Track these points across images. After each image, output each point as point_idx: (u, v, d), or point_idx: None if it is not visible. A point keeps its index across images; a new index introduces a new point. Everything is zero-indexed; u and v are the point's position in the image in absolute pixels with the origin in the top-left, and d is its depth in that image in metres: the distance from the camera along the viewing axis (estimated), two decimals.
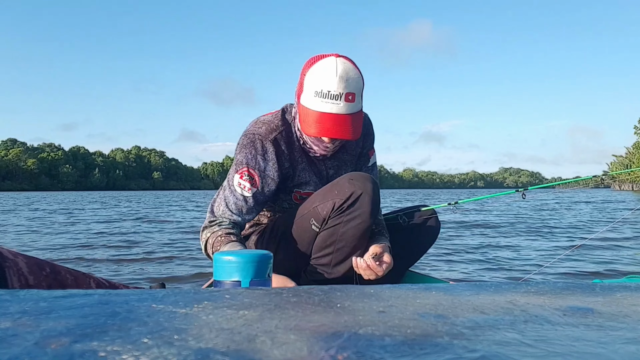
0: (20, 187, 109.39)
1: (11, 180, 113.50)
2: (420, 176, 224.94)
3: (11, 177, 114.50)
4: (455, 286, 0.50)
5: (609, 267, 3.69)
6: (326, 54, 1.38)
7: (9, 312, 0.34)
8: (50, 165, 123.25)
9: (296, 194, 1.53)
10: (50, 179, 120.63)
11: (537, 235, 6.06)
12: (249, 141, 1.45)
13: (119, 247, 5.11)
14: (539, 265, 3.78)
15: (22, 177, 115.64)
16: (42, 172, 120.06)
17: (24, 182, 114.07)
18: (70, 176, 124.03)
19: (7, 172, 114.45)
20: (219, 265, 0.92)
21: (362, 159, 1.63)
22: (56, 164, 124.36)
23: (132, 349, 0.27)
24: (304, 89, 1.36)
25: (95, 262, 4.08)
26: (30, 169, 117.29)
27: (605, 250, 4.55)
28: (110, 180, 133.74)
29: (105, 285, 1.09)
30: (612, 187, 64.71)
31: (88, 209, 13.96)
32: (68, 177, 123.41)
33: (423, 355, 0.28)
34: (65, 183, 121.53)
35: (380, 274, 1.38)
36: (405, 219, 1.69)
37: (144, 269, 3.72)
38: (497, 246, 5.02)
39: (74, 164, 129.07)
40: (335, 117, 1.32)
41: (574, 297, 0.46)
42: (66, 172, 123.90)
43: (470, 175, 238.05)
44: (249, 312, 0.37)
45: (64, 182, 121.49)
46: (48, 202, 21.58)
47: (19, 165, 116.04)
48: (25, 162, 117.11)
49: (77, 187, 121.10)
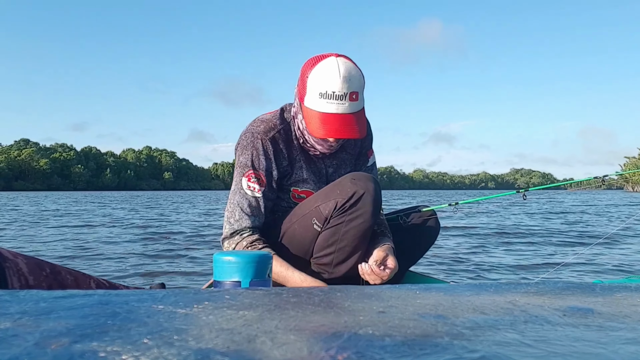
0: (33, 187, 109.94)
1: (24, 180, 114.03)
2: (431, 177, 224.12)
3: (24, 177, 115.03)
4: (455, 286, 0.50)
5: (609, 267, 3.69)
6: (325, 54, 1.39)
7: (9, 313, 0.34)
8: (63, 165, 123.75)
9: (294, 193, 1.54)
10: (62, 179, 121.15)
11: (538, 236, 6.06)
12: (249, 141, 1.47)
13: (119, 247, 5.11)
14: (539, 265, 3.78)
15: (35, 177, 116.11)
16: (55, 172, 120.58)
17: (36, 182, 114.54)
18: (82, 176, 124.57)
19: (20, 172, 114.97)
20: (219, 265, 0.92)
21: (361, 159, 1.65)
22: (68, 164, 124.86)
23: (132, 349, 0.27)
24: (308, 91, 1.37)
25: (95, 262, 4.08)
26: (43, 169, 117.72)
27: (605, 250, 4.55)
28: (122, 180, 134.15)
29: (105, 285, 1.09)
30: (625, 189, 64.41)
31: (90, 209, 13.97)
32: (80, 177, 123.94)
33: (423, 355, 0.28)
34: (77, 183, 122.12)
35: (385, 278, 1.39)
36: (405, 219, 1.69)
37: (144, 269, 3.72)
38: (497, 246, 5.02)
39: (86, 164, 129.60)
40: (341, 117, 1.34)
41: (574, 297, 0.46)
42: (78, 172, 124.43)
43: (481, 176, 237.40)
44: (249, 312, 0.37)
45: (75, 182, 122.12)
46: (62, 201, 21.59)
47: (32, 165, 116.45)
48: (37, 162, 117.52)
49: (89, 187, 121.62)
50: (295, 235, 1.47)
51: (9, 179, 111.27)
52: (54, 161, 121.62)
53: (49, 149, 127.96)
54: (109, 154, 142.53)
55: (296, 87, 1.45)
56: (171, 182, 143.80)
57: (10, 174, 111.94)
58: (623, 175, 2.55)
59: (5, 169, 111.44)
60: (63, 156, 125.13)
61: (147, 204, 19.92)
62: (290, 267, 1.39)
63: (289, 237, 1.48)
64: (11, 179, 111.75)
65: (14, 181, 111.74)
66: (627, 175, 60.61)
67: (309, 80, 1.36)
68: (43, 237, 6.18)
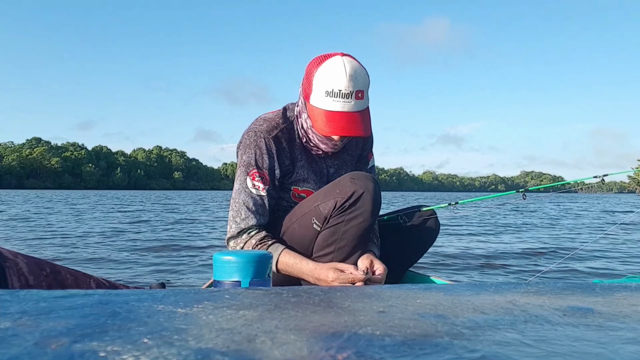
0: (44, 186, 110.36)
1: (35, 178, 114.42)
2: (440, 179, 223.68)
3: (35, 175, 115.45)
4: (455, 286, 0.50)
5: (609, 267, 3.69)
6: (330, 53, 1.41)
7: (9, 312, 0.34)
8: (74, 164, 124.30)
9: (294, 192, 1.54)
10: (73, 178, 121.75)
11: (539, 236, 6.06)
12: (252, 140, 1.48)
13: (120, 247, 5.11)
14: (539, 265, 3.78)
15: (46, 176, 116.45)
16: (66, 171, 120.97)
17: (47, 181, 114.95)
18: (93, 175, 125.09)
19: (32, 171, 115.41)
20: (219, 265, 0.92)
21: (362, 161, 1.67)
22: (79, 162, 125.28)
23: (132, 349, 0.27)
24: (314, 90, 1.38)
25: (95, 262, 4.08)
26: (54, 168, 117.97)
27: (605, 250, 4.55)
28: (132, 179, 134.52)
29: (105, 285, 1.09)
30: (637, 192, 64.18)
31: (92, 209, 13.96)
32: (91, 176, 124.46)
33: (423, 355, 0.28)
34: (88, 182, 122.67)
35: (381, 283, 1.39)
36: (405, 219, 1.69)
37: (144, 269, 3.72)
38: (497, 246, 5.02)
39: (97, 163, 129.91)
40: (347, 116, 1.36)
41: (574, 297, 0.46)
42: (89, 171, 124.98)
43: (491, 179, 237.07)
44: (249, 312, 0.37)
45: (86, 181, 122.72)
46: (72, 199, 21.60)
47: (43, 163, 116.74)
48: (49, 161, 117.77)
49: (99, 186, 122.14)
50: (295, 234, 1.47)
51: (21, 177, 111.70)
52: (65, 160, 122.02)
53: (60, 148, 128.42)
54: (119, 153, 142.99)
55: (301, 86, 1.46)
56: (181, 181, 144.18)
57: (22, 173, 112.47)
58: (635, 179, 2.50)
59: (17, 167, 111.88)
60: (74, 155, 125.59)
61: (153, 203, 19.92)
62: (302, 257, 1.41)
63: (289, 237, 1.48)
64: (23, 177, 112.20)
65: (25, 179, 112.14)
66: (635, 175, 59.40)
67: (315, 78, 1.37)
68: (43, 237, 6.18)
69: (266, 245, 1.43)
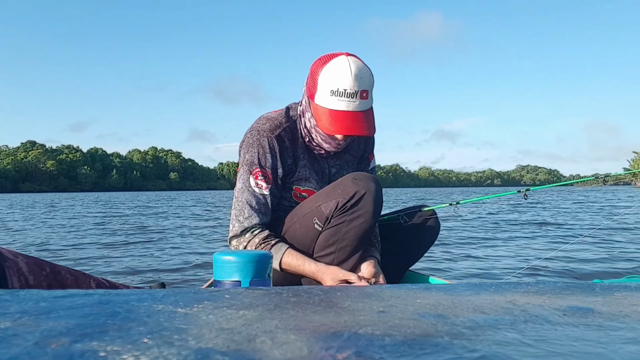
0: (40, 189, 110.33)
1: (30, 181, 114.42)
2: (437, 175, 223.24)
3: (31, 178, 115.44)
4: (455, 286, 0.50)
5: (609, 267, 3.69)
6: (335, 53, 1.42)
7: (9, 312, 0.34)
8: (69, 167, 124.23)
9: (295, 191, 1.55)
10: (68, 180, 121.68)
11: (538, 236, 6.06)
12: (255, 139, 1.48)
13: (120, 247, 5.12)
14: (539, 264, 3.78)
15: (42, 179, 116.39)
16: (61, 174, 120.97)
17: (43, 184, 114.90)
18: (89, 177, 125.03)
19: (27, 174, 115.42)
20: (219, 265, 0.92)
21: (363, 162, 1.68)
22: (75, 165, 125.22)
23: (132, 349, 0.27)
24: (318, 89, 1.39)
25: (95, 262, 4.09)
26: (50, 171, 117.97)
27: (605, 249, 4.55)
28: (128, 181, 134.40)
29: (105, 285, 1.09)
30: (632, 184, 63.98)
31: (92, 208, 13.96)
32: (86, 178, 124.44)
33: (423, 355, 0.28)
34: (84, 184, 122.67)
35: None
36: (405, 219, 1.69)
37: (144, 269, 3.72)
38: (497, 246, 5.02)
39: (92, 165, 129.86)
40: (352, 115, 1.37)
41: (574, 297, 0.45)
42: (84, 174, 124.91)
43: (487, 174, 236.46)
44: (249, 312, 0.37)
45: (82, 183, 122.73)
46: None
47: (38, 167, 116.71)
48: (44, 164, 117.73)
49: (95, 188, 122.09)
50: (296, 234, 1.47)
51: (16, 180, 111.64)
52: (60, 163, 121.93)
53: (55, 151, 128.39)
54: (114, 155, 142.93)
55: (305, 85, 1.47)
56: (177, 182, 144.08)
57: (17, 176, 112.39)
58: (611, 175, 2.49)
59: (12, 170, 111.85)
60: (69, 157, 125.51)
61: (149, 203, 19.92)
62: (306, 258, 1.42)
63: (290, 237, 1.48)
64: (18, 181, 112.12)
65: (20, 183, 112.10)
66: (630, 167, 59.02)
67: (320, 78, 1.38)
68: (43, 236, 6.19)
69: (269, 245, 1.43)
